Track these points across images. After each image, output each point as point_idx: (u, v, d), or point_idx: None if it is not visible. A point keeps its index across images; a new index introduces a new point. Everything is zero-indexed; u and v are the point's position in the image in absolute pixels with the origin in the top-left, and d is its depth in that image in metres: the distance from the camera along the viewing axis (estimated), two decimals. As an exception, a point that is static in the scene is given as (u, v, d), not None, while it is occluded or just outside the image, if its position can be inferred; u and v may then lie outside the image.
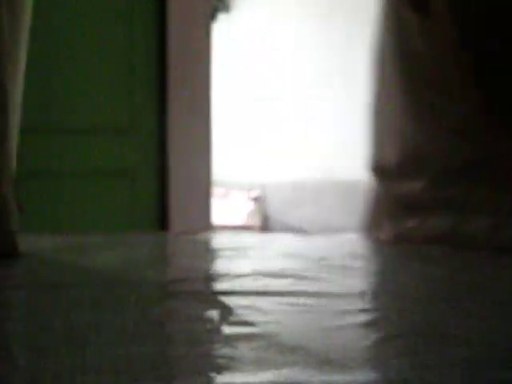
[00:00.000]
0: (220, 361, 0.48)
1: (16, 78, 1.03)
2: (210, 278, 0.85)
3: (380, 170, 1.15)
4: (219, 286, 0.79)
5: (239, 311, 0.63)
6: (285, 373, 0.45)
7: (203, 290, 0.76)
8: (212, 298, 0.71)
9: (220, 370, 0.46)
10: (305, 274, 0.85)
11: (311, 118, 5.89)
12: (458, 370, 0.46)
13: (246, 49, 5.77)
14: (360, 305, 0.67)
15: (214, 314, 0.64)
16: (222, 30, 5.61)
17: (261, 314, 0.63)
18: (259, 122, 5.84)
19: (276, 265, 0.96)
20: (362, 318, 0.61)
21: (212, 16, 2.92)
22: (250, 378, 0.44)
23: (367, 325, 0.59)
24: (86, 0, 2.61)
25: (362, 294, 0.72)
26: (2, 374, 0.45)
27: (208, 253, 1.18)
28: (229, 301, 0.68)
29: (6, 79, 1.00)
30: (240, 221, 5.33)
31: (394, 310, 0.65)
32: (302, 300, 0.69)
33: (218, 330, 0.57)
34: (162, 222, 2.66)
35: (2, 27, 0.99)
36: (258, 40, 5.80)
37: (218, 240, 1.35)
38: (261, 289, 0.75)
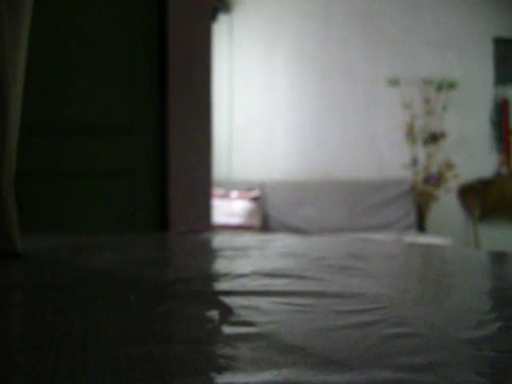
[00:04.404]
0: (220, 361, 0.48)
1: (17, 78, 1.03)
2: (210, 277, 0.85)
3: None
4: (219, 285, 0.79)
5: (239, 311, 0.63)
6: (285, 373, 0.45)
7: (203, 290, 0.76)
8: (212, 298, 0.71)
9: (220, 369, 0.46)
10: (304, 274, 0.85)
11: (311, 118, 5.89)
12: (459, 370, 0.46)
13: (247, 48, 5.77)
14: (360, 305, 0.67)
15: (213, 314, 0.64)
16: (222, 30, 5.62)
17: (261, 313, 0.63)
18: (257, 121, 5.85)
19: (276, 265, 0.96)
20: (362, 318, 0.61)
21: (212, 16, 2.92)
22: (250, 378, 0.44)
23: (367, 325, 0.59)
24: (87, 1, 2.61)
25: (361, 294, 0.72)
26: (2, 373, 0.45)
27: (208, 253, 1.18)
28: (229, 301, 0.68)
29: (6, 79, 1.00)
30: (240, 221, 5.33)
31: (393, 310, 0.65)
32: (302, 300, 0.69)
33: (218, 330, 0.57)
34: (162, 221, 2.66)
35: (2, 28, 0.99)
36: (258, 40, 5.81)
37: (218, 240, 1.35)
38: (261, 289, 0.75)
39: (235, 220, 5.34)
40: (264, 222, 5.62)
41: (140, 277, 0.85)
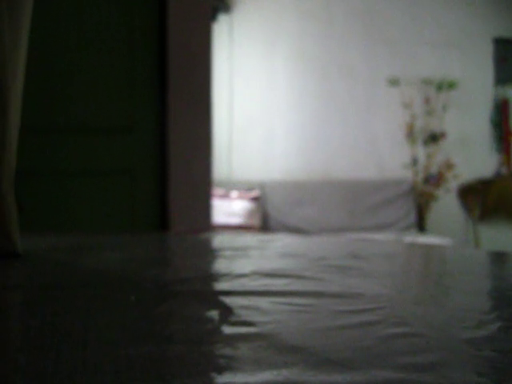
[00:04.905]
0: (220, 361, 0.48)
1: (17, 78, 1.03)
2: (210, 277, 0.85)
3: None
4: (219, 285, 0.79)
5: (239, 311, 0.63)
6: (285, 373, 0.45)
7: (203, 290, 0.76)
8: (212, 298, 0.71)
9: (220, 369, 0.46)
10: (304, 274, 0.85)
11: (311, 118, 5.89)
12: (459, 370, 0.46)
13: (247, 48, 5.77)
14: (360, 305, 0.67)
15: (213, 314, 0.64)
16: (222, 30, 5.62)
17: (261, 313, 0.63)
18: (257, 121, 5.84)
19: (276, 265, 0.96)
20: (362, 318, 0.61)
21: (212, 16, 2.92)
22: (250, 378, 0.44)
23: (367, 325, 0.59)
24: (87, 1, 2.61)
25: (361, 294, 0.72)
26: (2, 373, 0.45)
27: (208, 253, 1.18)
28: (229, 301, 0.68)
29: (6, 79, 1.00)
30: (240, 221, 5.33)
31: (393, 310, 0.65)
32: (302, 300, 0.69)
33: (218, 330, 0.57)
34: (162, 221, 2.66)
35: (2, 28, 0.99)
36: (258, 40, 5.81)
37: (218, 240, 1.35)
38: (261, 289, 0.75)
39: (235, 220, 5.34)
40: (264, 221, 5.62)
41: (140, 277, 0.85)
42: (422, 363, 0.47)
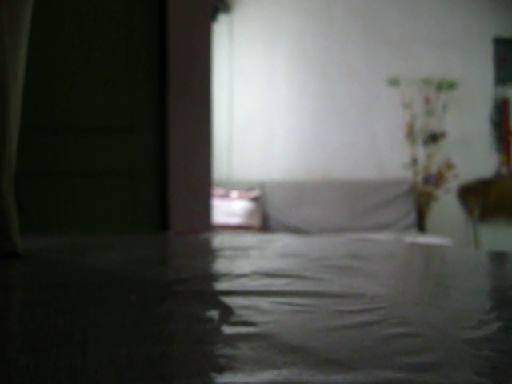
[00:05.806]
0: (220, 361, 0.48)
1: (17, 78, 1.03)
2: (210, 277, 0.85)
3: None
4: (219, 285, 0.79)
5: (239, 311, 0.63)
6: (285, 373, 0.45)
7: (203, 290, 0.76)
8: (212, 298, 0.71)
9: (220, 369, 0.46)
10: (304, 274, 0.85)
11: (311, 118, 5.89)
12: (459, 370, 0.46)
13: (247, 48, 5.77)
14: (360, 305, 0.67)
15: (213, 314, 0.64)
16: (222, 30, 5.61)
17: (261, 313, 0.63)
18: (257, 121, 5.84)
19: (276, 265, 0.96)
20: (362, 318, 0.61)
21: (212, 16, 2.92)
22: (250, 378, 0.44)
23: (367, 325, 0.59)
24: (87, 1, 2.61)
25: (361, 294, 0.72)
26: (2, 373, 0.45)
27: (208, 253, 1.18)
28: (229, 301, 0.68)
29: (6, 79, 1.00)
30: (240, 221, 5.33)
31: (393, 310, 0.65)
32: (302, 300, 0.69)
33: (218, 330, 0.57)
34: (162, 221, 2.66)
35: (2, 28, 0.99)
36: (258, 39, 5.81)
37: (218, 240, 1.35)
38: (261, 289, 0.75)
39: (235, 220, 5.34)
40: (264, 221, 5.62)
41: (140, 277, 0.85)
42: (421, 363, 0.47)
